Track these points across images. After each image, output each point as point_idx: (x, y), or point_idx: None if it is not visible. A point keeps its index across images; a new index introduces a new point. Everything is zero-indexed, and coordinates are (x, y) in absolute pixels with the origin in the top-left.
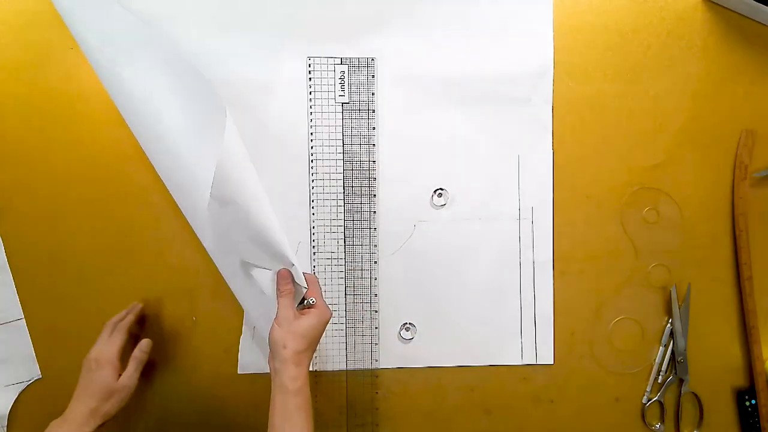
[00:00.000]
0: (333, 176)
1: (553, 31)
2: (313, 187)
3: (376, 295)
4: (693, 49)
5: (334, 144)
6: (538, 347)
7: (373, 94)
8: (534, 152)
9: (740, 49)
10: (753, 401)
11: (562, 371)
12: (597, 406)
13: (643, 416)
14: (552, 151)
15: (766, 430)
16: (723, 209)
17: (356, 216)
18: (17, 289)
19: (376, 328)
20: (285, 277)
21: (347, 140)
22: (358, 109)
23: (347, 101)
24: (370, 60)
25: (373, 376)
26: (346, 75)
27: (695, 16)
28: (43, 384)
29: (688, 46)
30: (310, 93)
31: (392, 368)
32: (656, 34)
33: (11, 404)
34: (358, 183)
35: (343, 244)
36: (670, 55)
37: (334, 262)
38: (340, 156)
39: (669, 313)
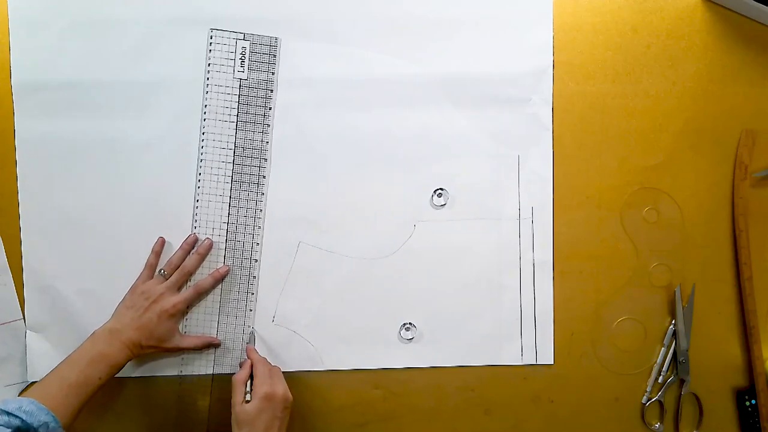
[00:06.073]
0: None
1: (553, 31)
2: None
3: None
4: (693, 49)
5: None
6: (538, 347)
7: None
8: (534, 152)
9: (740, 49)
10: (753, 401)
11: (562, 371)
12: (597, 406)
13: (642, 416)
14: (552, 151)
15: (766, 430)
16: (723, 209)
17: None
18: (17, 289)
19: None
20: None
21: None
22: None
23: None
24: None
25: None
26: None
27: (695, 16)
28: None
29: (688, 46)
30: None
31: (392, 368)
32: (656, 34)
33: None
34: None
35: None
36: (670, 55)
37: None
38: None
39: (672, 313)
